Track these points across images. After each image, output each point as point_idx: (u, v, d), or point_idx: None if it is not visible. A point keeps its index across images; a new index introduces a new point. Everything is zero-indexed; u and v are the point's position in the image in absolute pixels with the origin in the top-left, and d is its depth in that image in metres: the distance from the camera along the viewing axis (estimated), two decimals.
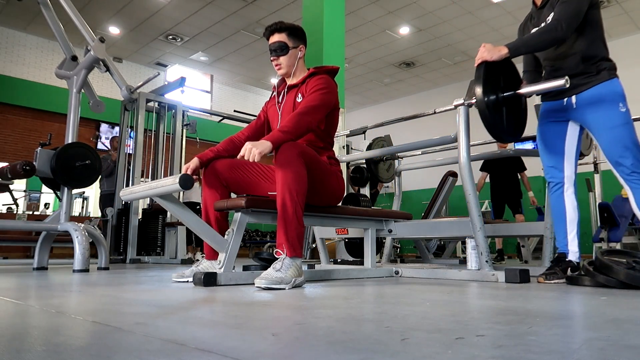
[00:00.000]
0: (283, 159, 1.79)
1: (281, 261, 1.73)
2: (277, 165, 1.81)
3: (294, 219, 1.77)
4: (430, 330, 0.84)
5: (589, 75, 2.12)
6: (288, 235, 1.76)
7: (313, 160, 1.92)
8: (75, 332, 0.85)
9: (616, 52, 2.20)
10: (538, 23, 2.20)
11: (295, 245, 1.77)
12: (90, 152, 3.12)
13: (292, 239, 1.76)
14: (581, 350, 0.67)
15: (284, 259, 1.74)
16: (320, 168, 2.00)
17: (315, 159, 1.96)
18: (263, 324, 0.93)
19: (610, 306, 1.23)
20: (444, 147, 2.99)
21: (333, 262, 3.53)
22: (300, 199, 1.79)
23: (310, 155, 1.91)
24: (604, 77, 2.12)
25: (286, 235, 1.76)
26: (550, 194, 2.22)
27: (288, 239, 1.76)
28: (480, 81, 2.05)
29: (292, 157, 1.80)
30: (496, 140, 2.36)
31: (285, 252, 1.74)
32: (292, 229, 1.76)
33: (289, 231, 1.76)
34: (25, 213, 7.53)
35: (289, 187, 1.77)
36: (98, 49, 3.15)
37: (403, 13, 7.84)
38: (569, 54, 2.14)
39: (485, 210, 8.74)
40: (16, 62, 8.76)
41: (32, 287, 1.83)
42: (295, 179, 1.78)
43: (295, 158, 1.80)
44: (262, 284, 1.64)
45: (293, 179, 1.78)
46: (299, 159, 1.81)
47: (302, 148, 1.87)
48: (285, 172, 1.78)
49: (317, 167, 1.95)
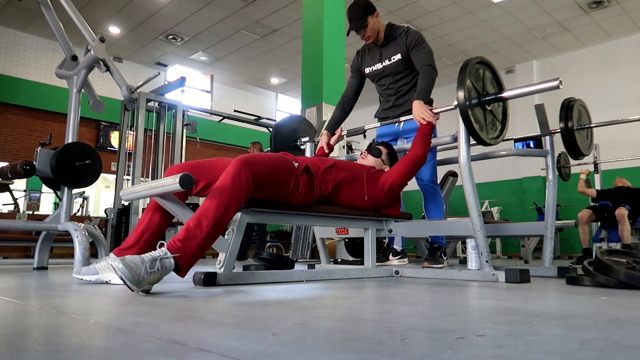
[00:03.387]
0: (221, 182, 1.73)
1: (161, 264, 1.47)
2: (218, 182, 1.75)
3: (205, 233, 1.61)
4: (430, 330, 0.84)
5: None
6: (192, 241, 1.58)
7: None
8: (75, 332, 0.85)
9: (616, 52, 2.19)
10: (381, 59, 2.83)
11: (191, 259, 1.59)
12: (90, 151, 3.12)
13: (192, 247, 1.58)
14: (581, 350, 0.67)
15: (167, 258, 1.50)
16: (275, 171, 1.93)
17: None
18: (263, 324, 0.93)
19: (610, 306, 1.23)
20: (444, 147, 2.99)
21: (333, 262, 3.53)
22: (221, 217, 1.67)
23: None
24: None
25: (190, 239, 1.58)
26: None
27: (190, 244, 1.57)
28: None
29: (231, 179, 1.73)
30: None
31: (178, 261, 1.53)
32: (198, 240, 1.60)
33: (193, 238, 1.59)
34: (25, 213, 7.52)
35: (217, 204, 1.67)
36: (98, 48, 3.15)
37: (403, 13, 7.84)
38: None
39: (485, 210, 8.75)
40: (16, 62, 8.76)
41: (32, 287, 1.83)
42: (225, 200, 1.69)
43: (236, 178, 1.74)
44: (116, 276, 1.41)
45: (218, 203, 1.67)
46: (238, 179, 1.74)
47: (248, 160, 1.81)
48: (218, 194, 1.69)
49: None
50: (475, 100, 2.18)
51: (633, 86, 8.36)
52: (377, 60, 2.87)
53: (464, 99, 2.09)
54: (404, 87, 2.81)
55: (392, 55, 2.79)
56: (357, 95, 3.02)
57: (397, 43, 2.77)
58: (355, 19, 2.74)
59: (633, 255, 1.91)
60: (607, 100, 8.18)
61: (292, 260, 2.72)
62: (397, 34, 2.77)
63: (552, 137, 2.62)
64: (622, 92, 8.41)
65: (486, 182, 9.39)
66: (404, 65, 2.77)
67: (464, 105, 2.09)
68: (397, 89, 2.83)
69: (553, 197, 2.56)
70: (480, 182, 6.74)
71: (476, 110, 2.18)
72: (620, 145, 7.58)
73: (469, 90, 2.14)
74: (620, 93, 8.40)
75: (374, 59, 2.88)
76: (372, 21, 2.75)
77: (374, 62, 2.88)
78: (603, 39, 8.77)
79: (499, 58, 9.51)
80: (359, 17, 2.73)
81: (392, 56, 2.79)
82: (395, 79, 2.83)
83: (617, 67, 8.63)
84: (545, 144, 2.63)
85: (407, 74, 2.80)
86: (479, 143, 2.25)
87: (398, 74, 2.81)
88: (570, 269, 2.50)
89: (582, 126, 2.64)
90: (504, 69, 9.98)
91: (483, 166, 6.75)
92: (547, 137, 2.62)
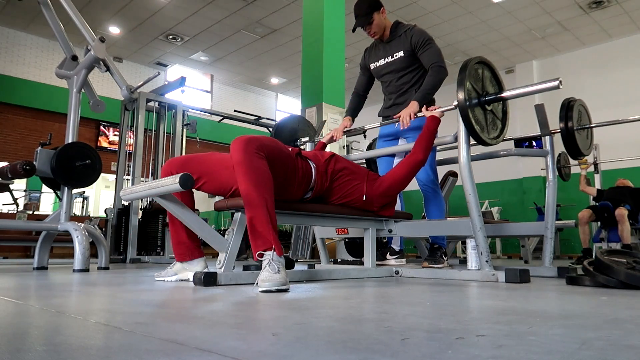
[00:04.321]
0: (237, 157, 1.74)
1: (276, 261, 1.64)
2: (235, 165, 1.76)
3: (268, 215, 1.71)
4: (430, 330, 0.84)
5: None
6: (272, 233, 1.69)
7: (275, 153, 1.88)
8: (75, 332, 0.85)
9: (616, 52, 2.19)
10: (385, 55, 2.85)
11: (279, 243, 1.71)
12: (90, 151, 3.12)
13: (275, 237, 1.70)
14: (581, 350, 0.67)
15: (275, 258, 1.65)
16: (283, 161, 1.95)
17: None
18: (263, 324, 0.93)
19: (610, 306, 1.23)
20: (444, 147, 2.99)
21: (333, 262, 3.53)
22: (269, 195, 1.74)
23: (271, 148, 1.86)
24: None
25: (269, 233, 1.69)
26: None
27: (274, 236, 1.69)
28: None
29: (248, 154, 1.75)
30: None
31: (276, 251, 1.67)
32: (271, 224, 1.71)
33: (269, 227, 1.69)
34: (26, 212, 7.53)
35: (254, 185, 1.71)
36: (98, 48, 3.15)
37: (403, 13, 7.84)
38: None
39: (485, 210, 8.75)
40: (16, 62, 8.76)
41: (32, 286, 1.83)
42: (257, 176, 1.72)
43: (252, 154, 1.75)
44: (266, 287, 1.57)
45: (255, 176, 1.72)
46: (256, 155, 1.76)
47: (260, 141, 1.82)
48: (245, 170, 1.72)
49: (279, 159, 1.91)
50: (475, 100, 2.18)
51: (633, 86, 8.35)
52: (380, 56, 2.89)
53: (464, 99, 2.09)
54: (405, 85, 2.81)
55: (395, 52, 2.80)
56: (366, 92, 3.09)
57: (401, 40, 2.78)
58: (361, 15, 2.78)
59: (633, 255, 1.91)
60: (607, 100, 8.18)
61: (292, 260, 2.72)
62: (402, 31, 2.79)
63: (552, 137, 2.62)
64: (622, 92, 8.40)
65: (486, 182, 9.39)
66: (406, 63, 2.78)
67: (464, 105, 2.10)
68: (399, 87, 2.84)
69: (553, 197, 2.56)
70: (480, 182, 6.73)
71: (476, 111, 2.18)
72: (620, 145, 7.58)
73: (469, 90, 2.14)
74: (620, 93, 8.40)
75: (378, 55, 2.90)
76: (377, 17, 2.77)
77: (377, 58, 2.91)
78: (603, 39, 8.77)
79: (499, 58, 9.51)
80: (364, 13, 2.76)
81: (395, 53, 2.80)
82: (397, 76, 2.83)
83: (617, 67, 8.63)
84: (545, 144, 2.63)
85: (409, 71, 2.80)
86: (479, 143, 2.25)
87: (400, 71, 2.81)
88: (570, 269, 2.50)
89: (582, 126, 2.64)
90: (504, 69, 9.98)
91: (483, 166, 6.75)
92: (547, 137, 2.62)
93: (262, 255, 1.66)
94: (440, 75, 2.60)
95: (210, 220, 10.16)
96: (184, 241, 2.07)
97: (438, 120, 2.43)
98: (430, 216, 2.84)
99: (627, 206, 4.94)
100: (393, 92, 2.87)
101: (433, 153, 2.83)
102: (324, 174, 2.13)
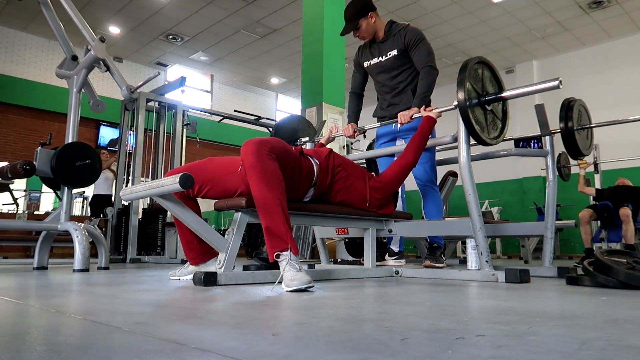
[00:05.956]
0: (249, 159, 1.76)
1: (295, 260, 1.66)
2: (246, 167, 1.78)
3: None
4: (430, 330, 0.84)
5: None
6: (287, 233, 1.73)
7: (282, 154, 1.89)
8: (76, 332, 0.85)
9: (616, 52, 2.19)
10: (379, 54, 2.86)
11: (295, 242, 1.75)
12: (90, 151, 3.12)
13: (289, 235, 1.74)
14: (581, 350, 0.67)
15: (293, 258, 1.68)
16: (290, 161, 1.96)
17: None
18: (263, 324, 0.93)
19: (610, 306, 1.23)
20: (444, 147, 2.99)
21: (333, 262, 3.53)
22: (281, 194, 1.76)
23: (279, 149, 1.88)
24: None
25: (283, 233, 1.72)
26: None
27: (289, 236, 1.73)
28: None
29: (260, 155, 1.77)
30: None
31: (292, 250, 1.69)
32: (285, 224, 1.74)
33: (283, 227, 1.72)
34: (25, 212, 7.52)
35: (268, 187, 1.73)
36: (98, 48, 3.15)
37: (403, 13, 7.84)
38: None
39: (485, 210, 8.75)
40: (16, 62, 8.76)
41: (32, 286, 1.83)
42: (270, 178, 1.75)
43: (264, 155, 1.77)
44: (295, 286, 1.56)
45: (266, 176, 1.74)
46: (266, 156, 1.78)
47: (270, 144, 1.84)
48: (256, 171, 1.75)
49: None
50: (475, 100, 2.18)
51: (633, 86, 8.35)
52: (374, 54, 2.90)
53: (464, 99, 2.09)
54: (399, 84, 2.82)
55: (388, 51, 2.81)
56: (362, 90, 3.09)
57: (394, 39, 2.79)
58: (347, 21, 2.80)
59: (633, 256, 1.91)
60: (607, 100, 8.18)
61: None
62: (396, 30, 2.80)
63: (552, 137, 2.62)
64: (622, 92, 8.40)
65: (486, 182, 9.39)
66: (400, 62, 2.79)
67: (464, 105, 2.10)
68: (393, 86, 2.84)
69: (553, 197, 2.56)
70: (480, 182, 6.74)
71: (476, 111, 2.18)
72: (620, 145, 7.58)
73: (469, 90, 2.14)
74: (620, 93, 8.40)
75: (372, 54, 2.91)
76: (364, 23, 2.78)
77: (372, 56, 2.91)
78: (603, 39, 8.77)
79: (499, 58, 9.51)
80: (350, 20, 2.79)
81: (389, 52, 2.81)
82: (391, 75, 2.84)
83: (617, 67, 8.63)
84: (545, 144, 2.63)
85: (403, 70, 2.80)
86: (480, 143, 2.25)
87: (394, 70, 2.82)
88: (571, 269, 2.50)
89: (582, 126, 2.64)
90: (504, 69, 9.98)
91: (483, 166, 6.76)
92: (547, 137, 2.62)
93: (279, 256, 1.69)
94: (432, 77, 2.67)
95: (210, 220, 10.15)
96: (194, 247, 2.11)
97: (433, 121, 2.45)
98: (428, 215, 2.85)
99: (629, 206, 4.93)
100: (388, 92, 2.88)
101: (433, 152, 2.84)
102: (325, 169, 2.15)
